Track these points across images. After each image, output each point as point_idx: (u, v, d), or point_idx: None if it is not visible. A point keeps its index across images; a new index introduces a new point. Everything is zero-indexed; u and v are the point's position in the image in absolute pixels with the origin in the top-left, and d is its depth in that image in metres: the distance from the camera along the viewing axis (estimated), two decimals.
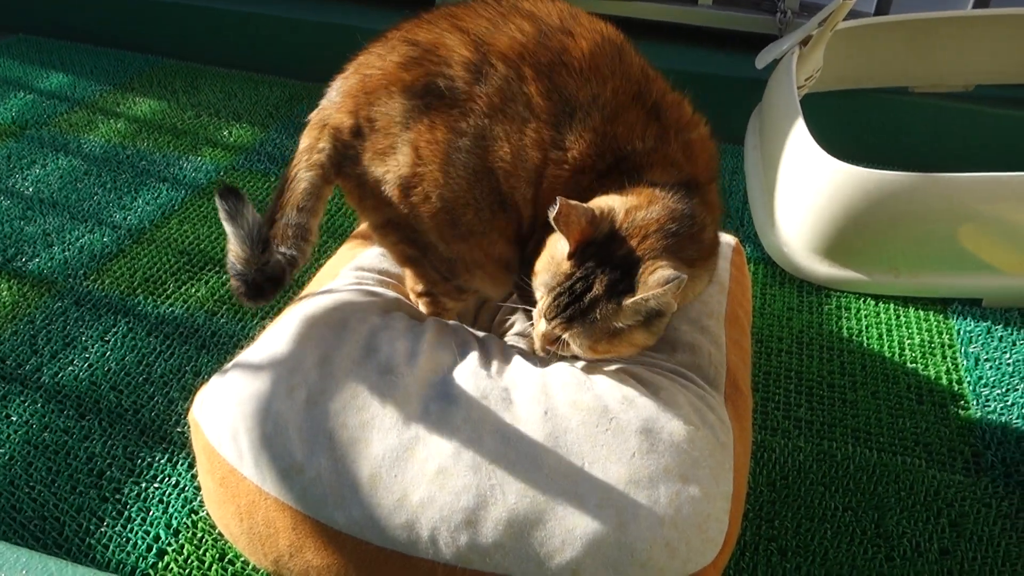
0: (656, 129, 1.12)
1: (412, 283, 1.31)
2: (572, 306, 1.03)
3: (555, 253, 1.06)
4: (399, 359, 1.10)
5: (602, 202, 1.06)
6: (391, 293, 1.30)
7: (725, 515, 1.00)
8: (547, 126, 1.08)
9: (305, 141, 1.17)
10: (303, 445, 1.00)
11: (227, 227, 1.07)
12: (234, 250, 1.09)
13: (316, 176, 1.15)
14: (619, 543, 0.92)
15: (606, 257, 1.02)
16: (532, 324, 1.11)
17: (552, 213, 0.98)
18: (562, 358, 1.14)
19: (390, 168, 1.12)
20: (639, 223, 1.04)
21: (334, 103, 1.16)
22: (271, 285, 1.12)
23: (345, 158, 1.15)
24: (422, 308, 1.32)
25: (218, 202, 1.06)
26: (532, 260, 1.12)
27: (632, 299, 0.99)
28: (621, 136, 1.10)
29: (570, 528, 0.93)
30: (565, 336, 1.06)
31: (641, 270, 1.01)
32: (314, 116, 1.18)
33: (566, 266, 1.04)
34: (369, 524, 0.96)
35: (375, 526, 0.96)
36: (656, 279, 0.98)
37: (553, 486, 0.96)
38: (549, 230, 1.07)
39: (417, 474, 0.97)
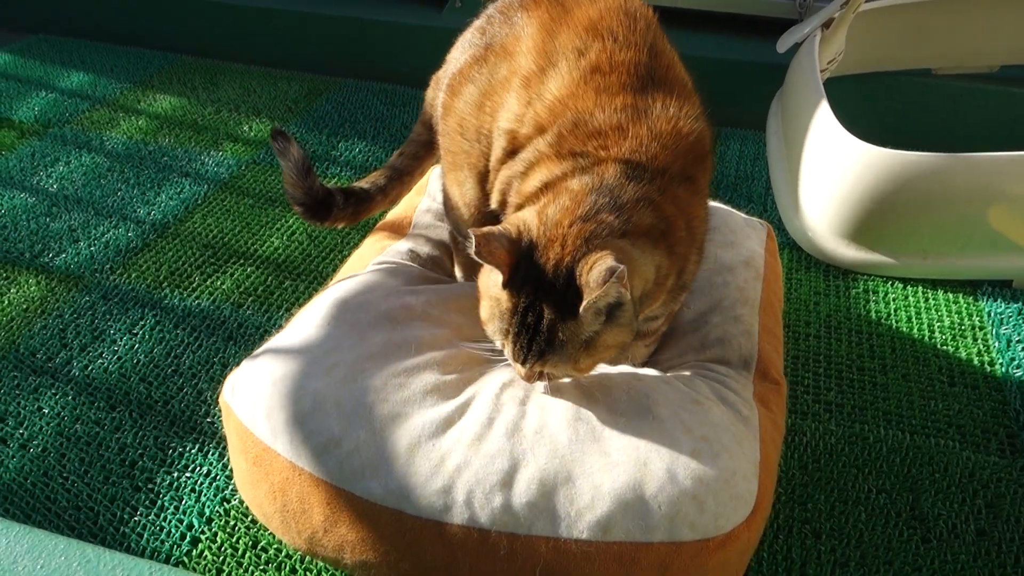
0: (632, 103, 1.05)
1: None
2: (535, 341, 0.95)
3: (491, 295, 0.99)
4: (434, 341, 1.12)
5: (516, 218, 0.99)
6: (416, 268, 1.31)
7: (753, 477, 1.00)
8: (539, 71, 1.12)
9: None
10: (342, 419, 1.02)
11: (280, 161, 1.38)
12: (287, 178, 1.39)
13: (419, 123, 1.49)
14: (644, 497, 0.94)
15: (540, 273, 0.94)
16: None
17: (471, 249, 0.91)
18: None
19: (439, 97, 1.33)
20: (553, 221, 0.96)
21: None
22: (322, 207, 1.43)
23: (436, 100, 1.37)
24: (457, 267, 1.40)
25: (272, 143, 1.36)
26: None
27: (584, 305, 0.91)
28: (585, 99, 1.06)
29: (598, 484, 0.95)
30: (545, 370, 1.00)
31: (578, 273, 0.92)
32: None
33: (506, 301, 0.96)
34: (405, 492, 0.97)
35: (411, 494, 0.97)
36: (597, 277, 0.89)
37: (580, 447, 0.98)
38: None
39: (455, 442, 1.00)
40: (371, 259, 1.39)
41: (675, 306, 1.20)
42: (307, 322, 1.15)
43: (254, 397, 1.06)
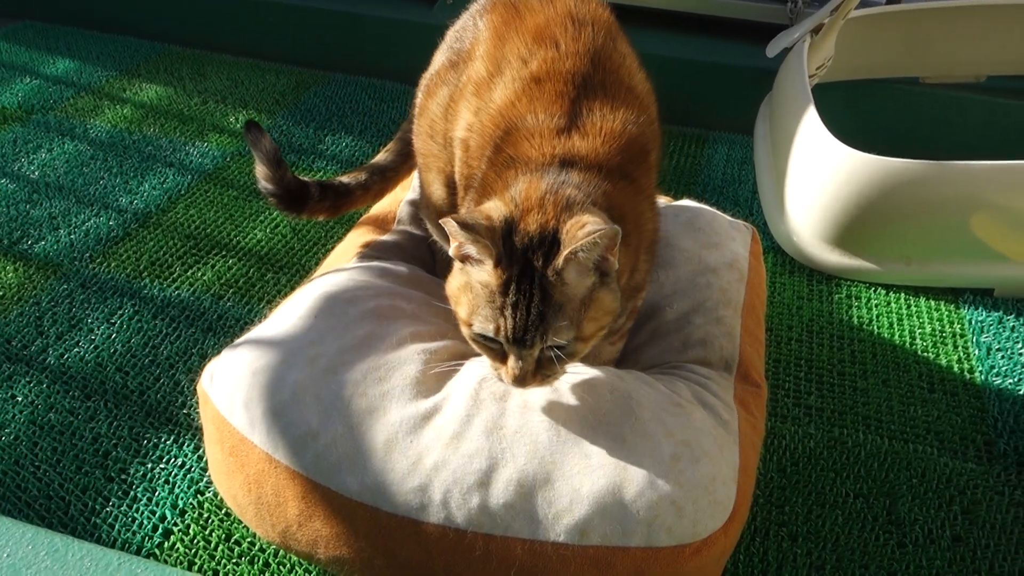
0: (567, 109, 1.05)
1: None
2: (531, 306, 0.89)
3: (473, 284, 0.93)
4: (420, 334, 1.11)
5: (478, 210, 0.96)
6: (403, 268, 1.30)
7: (732, 482, 1.00)
8: (488, 77, 1.13)
9: None
10: (320, 412, 1.00)
11: (253, 151, 1.40)
12: (260, 169, 1.41)
13: (408, 121, 1.46)
14: (623, 501, 0.93)
15: (526, 242, 0.91)
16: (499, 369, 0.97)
17: (456, 225, 0.88)
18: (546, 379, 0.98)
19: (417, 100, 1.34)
20: (522, 196, 0.94)
21: None
22: (295, 198, 1.43)
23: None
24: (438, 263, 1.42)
25: (245, 134, 1.38)
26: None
27: (564, 255, 0.88)
28: (520, 107, 1.06)
29: (577, 487, 0.94)
30: (550, 340, 0.91)
31: (564, 230, 0.90)
32: None
33: (496, 279, 0.91)
34: (381, 489, 0.96)
35: (387, 491, 0.95)
36: (583, 233, 0.87)
37: (560, 448, 0.97)
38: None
39: (433, 439, 0.98)
40: (354, 253, 1.38)
41: (637, 302, 1.19)
42: (292, 314, 1.13)
43: (233, 386, 1.05)
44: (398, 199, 1.56)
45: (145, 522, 1.21)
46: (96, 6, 2.86)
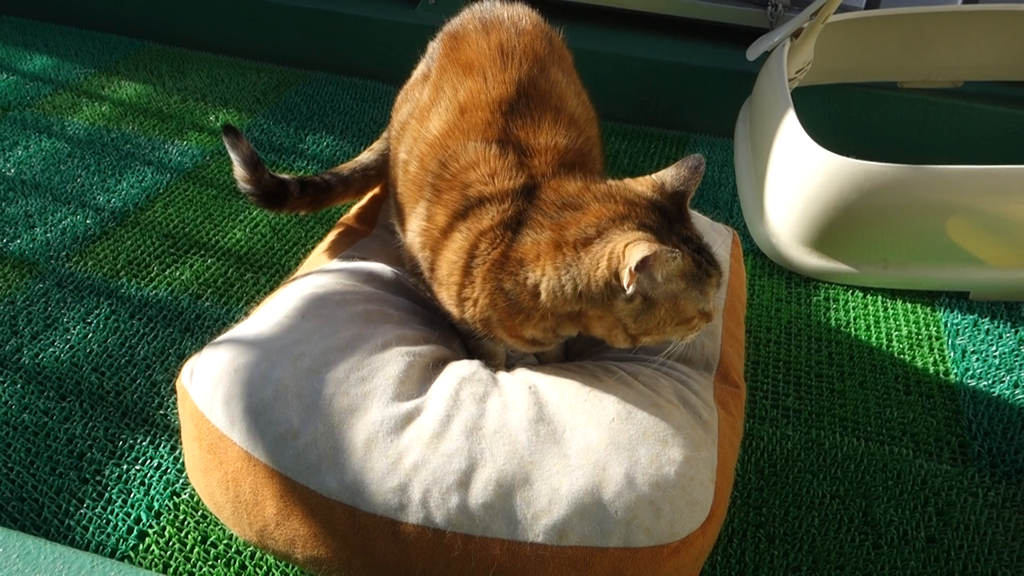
0: (495, 137, 1.10)
1: None
2: (704, 249, 1.02)
3: (671, 294, 0.99)
4: (405, 338, 1.12)
5: (615, 243, 0.99)
6: (388, 271, 1.29)
7: (710, 482, 1.00)
8: (429, 104, 1.18)
9: None
10: (302, 411, 1.00)
11: (231, 154, 1.35)
12: (237, 171, 1.37)
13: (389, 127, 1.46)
14: (601, 502, 0.93)
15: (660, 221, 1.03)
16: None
17: (671, 261, 0.95)
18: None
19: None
20: (593, 215, 1.03)
21: None
22: (274, 197, 1.40)
23: None
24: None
25: (224, 137, 1.33)
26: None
27: (688, 196, 1.08)
28: (452, 140, 1.12)
29: (555, 487, 0.94)
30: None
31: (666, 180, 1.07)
32: None
33: (690, 260, 0.99)
34: (360, 489, 0.95)
35: (366, 490, 0.95)
36: (691, 170, 1.09)
37: (538, 448, 0.97)
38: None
39: (413, 439, 0.98)
40: (337, 253, 1.38)
41: None
42: (276, 313, 1.13)
43: (213, 383, 1.04)
44: (379, 198, 1.55)
45: (120, 524, 1.20)
46: (74, 2, 2.83)
